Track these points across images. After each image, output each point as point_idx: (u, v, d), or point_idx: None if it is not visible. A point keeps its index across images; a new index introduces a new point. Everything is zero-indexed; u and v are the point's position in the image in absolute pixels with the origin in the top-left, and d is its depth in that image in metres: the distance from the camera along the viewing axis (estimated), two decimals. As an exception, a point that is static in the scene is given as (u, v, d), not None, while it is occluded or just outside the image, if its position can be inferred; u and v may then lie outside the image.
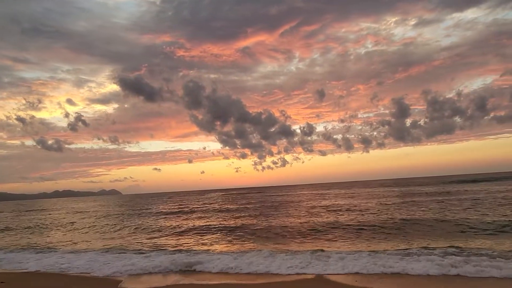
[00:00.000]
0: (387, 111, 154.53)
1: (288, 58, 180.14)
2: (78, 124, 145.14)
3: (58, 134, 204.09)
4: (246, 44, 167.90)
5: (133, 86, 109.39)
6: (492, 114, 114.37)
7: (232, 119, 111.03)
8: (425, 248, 10.40)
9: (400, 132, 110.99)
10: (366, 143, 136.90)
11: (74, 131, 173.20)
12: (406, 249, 10.50)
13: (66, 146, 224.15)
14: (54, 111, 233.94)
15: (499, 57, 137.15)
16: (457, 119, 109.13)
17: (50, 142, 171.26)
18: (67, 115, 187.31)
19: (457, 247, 10.19)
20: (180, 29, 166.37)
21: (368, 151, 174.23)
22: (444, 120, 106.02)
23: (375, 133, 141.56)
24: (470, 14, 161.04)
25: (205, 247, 13.34)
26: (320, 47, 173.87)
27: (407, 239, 12.29)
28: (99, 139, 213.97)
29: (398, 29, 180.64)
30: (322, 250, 11.17)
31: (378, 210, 21.14)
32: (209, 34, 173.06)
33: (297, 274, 8.76)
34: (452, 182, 60.26)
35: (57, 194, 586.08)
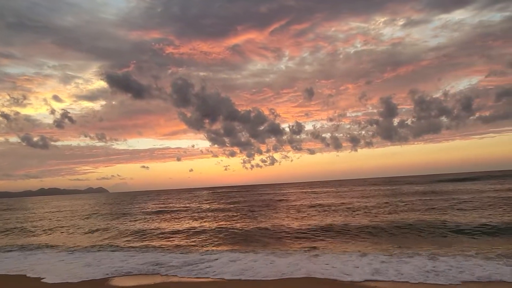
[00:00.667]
0: (375, 110, 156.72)
1: (278, 56, 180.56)
2: (65, 121, 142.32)
3: (44, 131, 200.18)
4: (236, 41, 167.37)
5: (121, 83, 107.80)
6: (477, 114, 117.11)
7: (221, 117, 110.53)
8: (413, 251, 10.16)
9: (387, 131, 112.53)
10: (355, 142, 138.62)
11: (60, 128, 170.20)
12: (394, 252, 10.21)
13: (52, 143, 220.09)
14: (39, 108, 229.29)
15: (485, 58, 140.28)
16: (444, 118, 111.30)
17: (35, 139, 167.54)
18: (53, 111, 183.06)
19: (446, 250, 10.02)
20: (170, 25, 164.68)
21: (356, 150, 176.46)
22: (431, 119, 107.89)
23: (363, 132, 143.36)
24: (457, 15, 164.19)
25: (191, 248, 12.80)
26: (310, 46, 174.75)
27: (395, 242, 11.99)
28: (86, 136, 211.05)
29: (387, 29, 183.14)
30: (314, 248, 10.94)
31: (366, 209, 20.93)
32: (198, 31, 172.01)
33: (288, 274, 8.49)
34: (440, 181, 60.98)
35: (43, 192, 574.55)
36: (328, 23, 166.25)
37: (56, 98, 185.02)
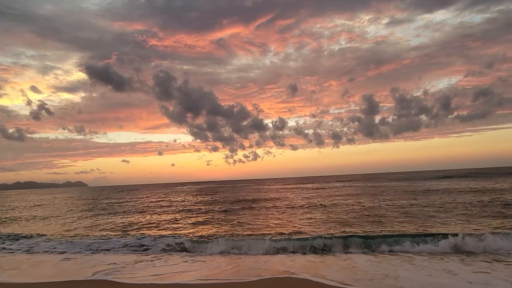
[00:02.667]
0: (357, 108, 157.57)
1: (263, 51, 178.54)
2: (42, 112, 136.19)
3: (20, 122, 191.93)
4: (221, 35, 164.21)
5: (101, 75, 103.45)
6: (455, 113, 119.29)
7: (204, 111, 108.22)
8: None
9: (369, 128, 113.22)
10: (337, 138, 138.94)
11: (37, 119, 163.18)
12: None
13: (28, 135, 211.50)
14: (15, 99, 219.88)
15: (464, 58, 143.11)
16: (423, 117, 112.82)
17: (10, 130, 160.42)
18: (29, 102, 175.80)
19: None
20: (153, 17, 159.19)
21: (338, 147, 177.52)
22: (411, 117, 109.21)
23: (345, 129, 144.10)
24: (439, 15, 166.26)
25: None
26: (295, 41, 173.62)
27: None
28: (64, 129, 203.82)
29: (371, 27, 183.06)
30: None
31: (342, 213, 19.71)
32: (183, 24, 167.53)
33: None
34: (420, 179, 61.19)
35: (19, 186, 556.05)
36: (313, 19, 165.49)
37: (34, 89, 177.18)
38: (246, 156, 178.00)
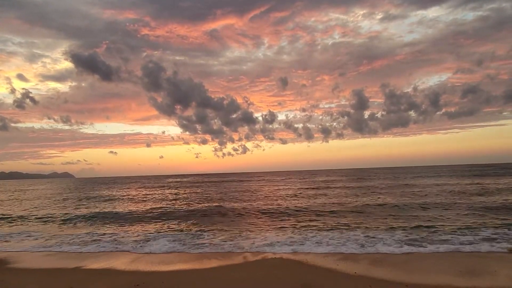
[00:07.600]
0: (347, 103, 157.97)
1: (256, 44, 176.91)
2: (26, 101, 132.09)
3: (5, 112, 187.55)
4: (214, 26, 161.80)
5: (87, 64, 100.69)
6: (443, 110, 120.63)
7: (194, 103, 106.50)
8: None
9: (358, 123, 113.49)
10: (326, 133, 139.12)
11: (21, 108, 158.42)
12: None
13: (13, 124, 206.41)
14: (0, 87, 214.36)
15: (455, 55, 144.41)
16: (412, 113, 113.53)
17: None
18: (13, 91, 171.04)
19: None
20: (146, 6, 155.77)
21: (327, 141, 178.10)
22: (400, 113, 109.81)
23: (335, 123, 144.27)
24: (433, 12, 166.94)
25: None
26: (288, 34, 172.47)
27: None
28: (49, 118, 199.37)
29: (365, 22, 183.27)
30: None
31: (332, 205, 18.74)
32: (176, 14, 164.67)
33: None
34: (410, 176, 61.07)
35: (3, 176, 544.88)
36: (308, 12, 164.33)
37: (20, 77, 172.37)
38: (235, 149, 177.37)
